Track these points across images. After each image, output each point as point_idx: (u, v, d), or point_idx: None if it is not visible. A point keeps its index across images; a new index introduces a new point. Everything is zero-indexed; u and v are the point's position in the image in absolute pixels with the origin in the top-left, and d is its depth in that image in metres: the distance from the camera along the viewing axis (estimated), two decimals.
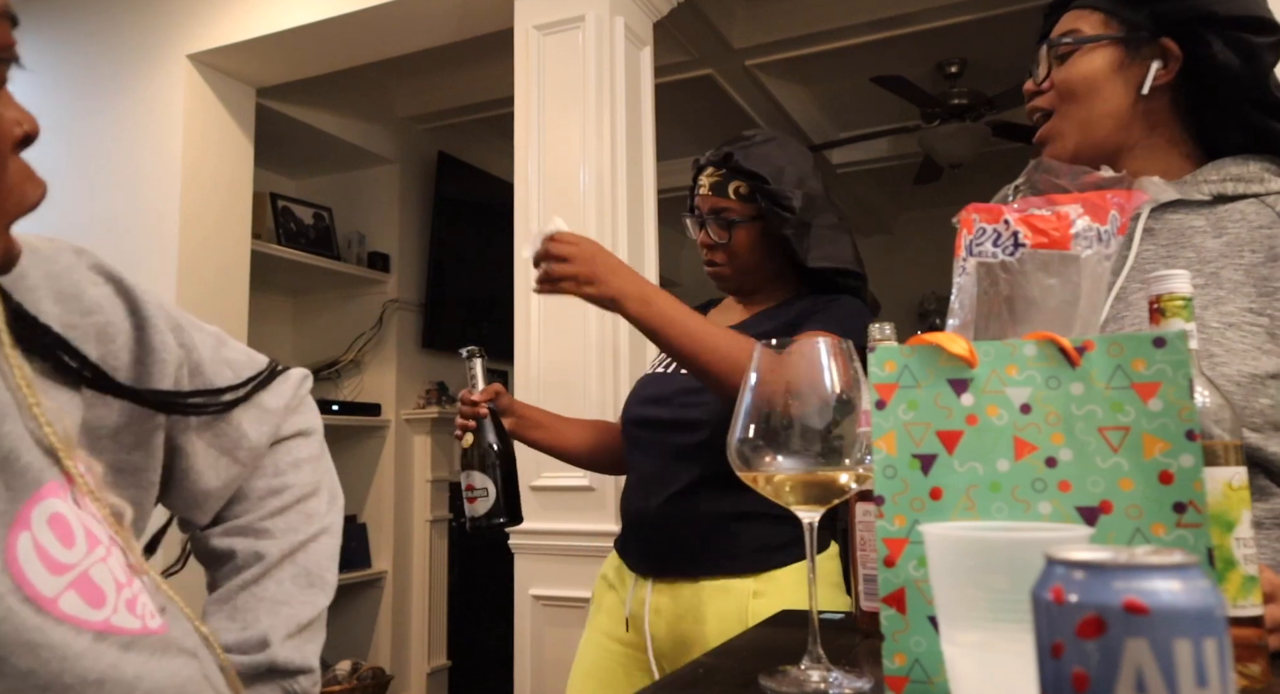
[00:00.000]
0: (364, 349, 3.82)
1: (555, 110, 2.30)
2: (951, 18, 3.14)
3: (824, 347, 0.72)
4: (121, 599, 0.52)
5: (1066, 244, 0.70)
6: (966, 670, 0.50)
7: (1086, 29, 1.02)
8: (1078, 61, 1.02)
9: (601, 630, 1.39)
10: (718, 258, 1.41)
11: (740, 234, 1.38)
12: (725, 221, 1.37)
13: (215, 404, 0.72)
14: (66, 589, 0.49)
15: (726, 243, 1.39)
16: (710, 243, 1.41)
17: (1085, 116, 1.02)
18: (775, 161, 1.34)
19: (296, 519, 0.80)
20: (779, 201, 1.32)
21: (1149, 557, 0.34)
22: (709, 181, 1.38)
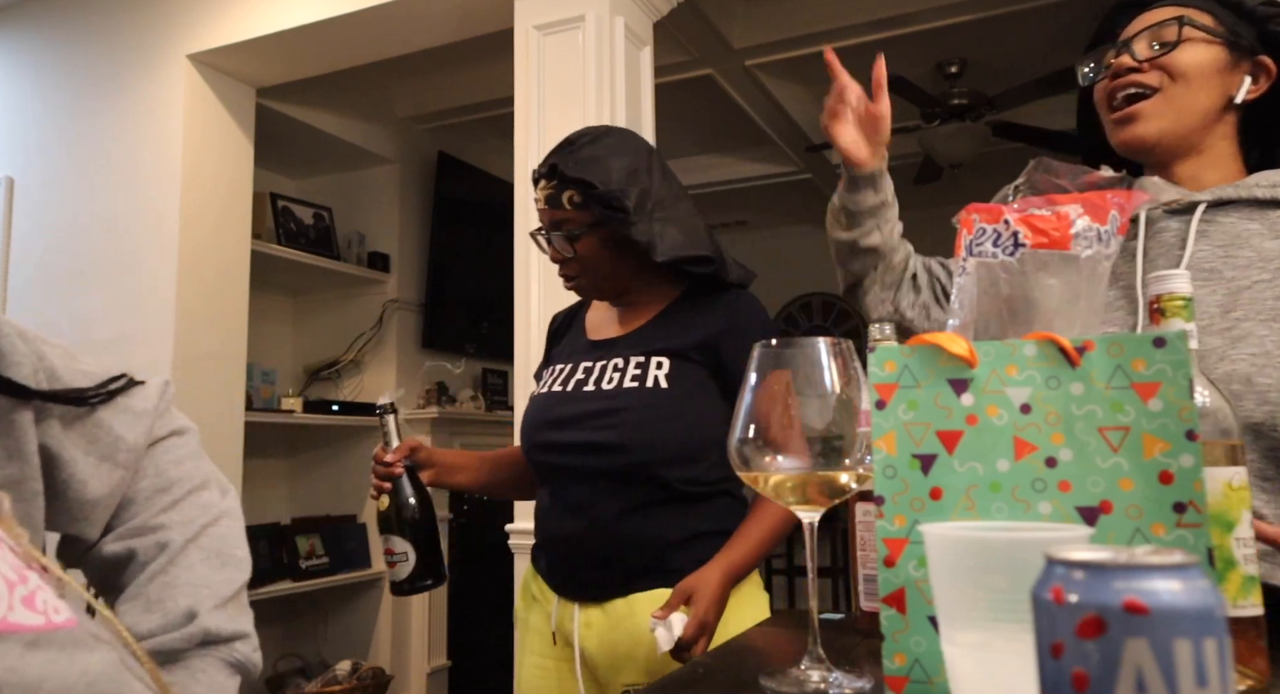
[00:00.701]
0: (364, 349, 3.82)
1: (555, 110, 2.30)
2: (951, 18, 3.14)
3: (824, 346, 0.72)
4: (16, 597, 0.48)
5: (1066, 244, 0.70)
6: (966, 670, 0.50)
7: (1199, 19, 1.03)
8: (1190, 49, 1.02)
9: (532, 650, 1.36)
10: (570, 271, 1.34)
11: (584, 244, 1.30)
12: (567, 234, 1.30)
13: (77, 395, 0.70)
14: None
15: (573, 255, 1.31)
16: (558, 258, 1.34)
17: (1187, 105, 1.03)
18: (603, 163, 1.27)
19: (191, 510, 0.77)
20: (611, 204, 1.26)
21: (1149, 557, 0.34)
22: (543, 196, 1.31)
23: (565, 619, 1.30)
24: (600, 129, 1.34)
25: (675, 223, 1.30)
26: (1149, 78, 1.03)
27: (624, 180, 1.27)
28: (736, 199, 5.17)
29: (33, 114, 3.09)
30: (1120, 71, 1.05)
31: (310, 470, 3.82)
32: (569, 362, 1.38)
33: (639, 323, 1.36)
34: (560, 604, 1.31)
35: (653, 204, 1.29)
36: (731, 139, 4.50)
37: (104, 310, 2.86)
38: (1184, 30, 1.02)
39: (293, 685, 3.34)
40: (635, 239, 1.26)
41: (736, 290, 1.37)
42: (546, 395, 1.36)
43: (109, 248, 2.88)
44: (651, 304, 1.37)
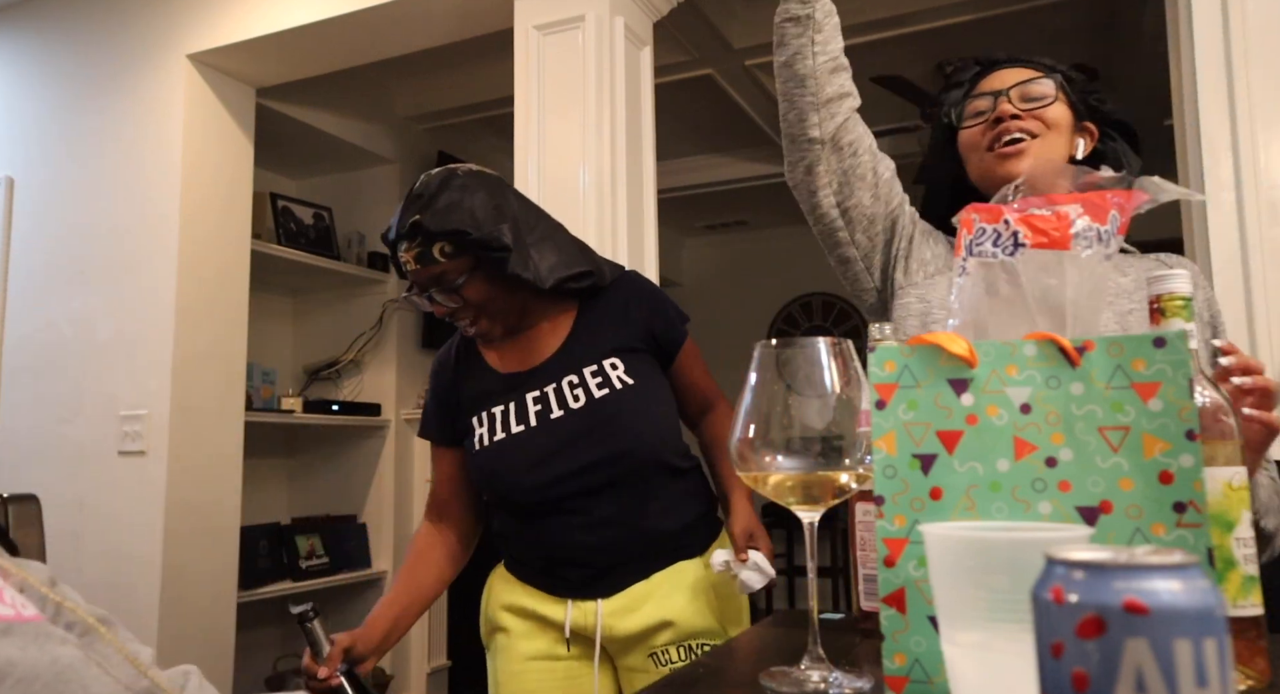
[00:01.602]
0: (364, 349, 3.82)
1: (555, 110, 2.30)
2: (951, 18, 3.14)
3: (824, 346, 0.72)
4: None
5: (1066, 244, 0.70)
6: (966, 670, 0.50)
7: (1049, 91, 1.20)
8: (1057, 105, 1.20)
9: (528, 655, 1.37)
10: (466, 318, 1.32)
11: (471, 289, 1.28)
12: (450, 286, 1.27)
13: None
14: None
15: (463, 304, 1.29)
16: (449, 311, 1.31)
17: (1055, 153, 1.19)
18: (464, 207, 1.25)
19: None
20: (491, 247, 1.25)
21: (1149, 557, 0.34)
22: (411, 256, 1.27)
23: (584, 616, 1.33)
24: (443, 173, 1.30)
25: (547, 245, 1.32)
26: (1029, 125, 1.18)
27: (492, 218, 1.26)
28: (736, 199, 5.17)
29: (33, 114, 3.09)
30: (1003, 117, 1.19)
31: (310, 470, 3.82)
32: (502, 402, 1.35)
33: (557, 341, 1.36)
34: (575, 606, 1.34)
35: (523, 232, 1.30)
36: (731, 139, 4.50)
37: (104, 310, 2.86)
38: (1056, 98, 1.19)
39: (292, 685, 3.34)
40: (517, 273, 1.26)
41: (620, 278, 1.41)
42: (508, 439, 1.33)
43: (109, 248, 2.88)
44: (557, 321, 1.38)
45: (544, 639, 1.37)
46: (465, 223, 1.24)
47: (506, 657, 1.39)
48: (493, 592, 1.45)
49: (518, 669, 1.37)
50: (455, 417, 1.40)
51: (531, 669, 1.36)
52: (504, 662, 1.39)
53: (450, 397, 1.41)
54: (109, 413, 2.79)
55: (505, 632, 1.40)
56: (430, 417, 1.45)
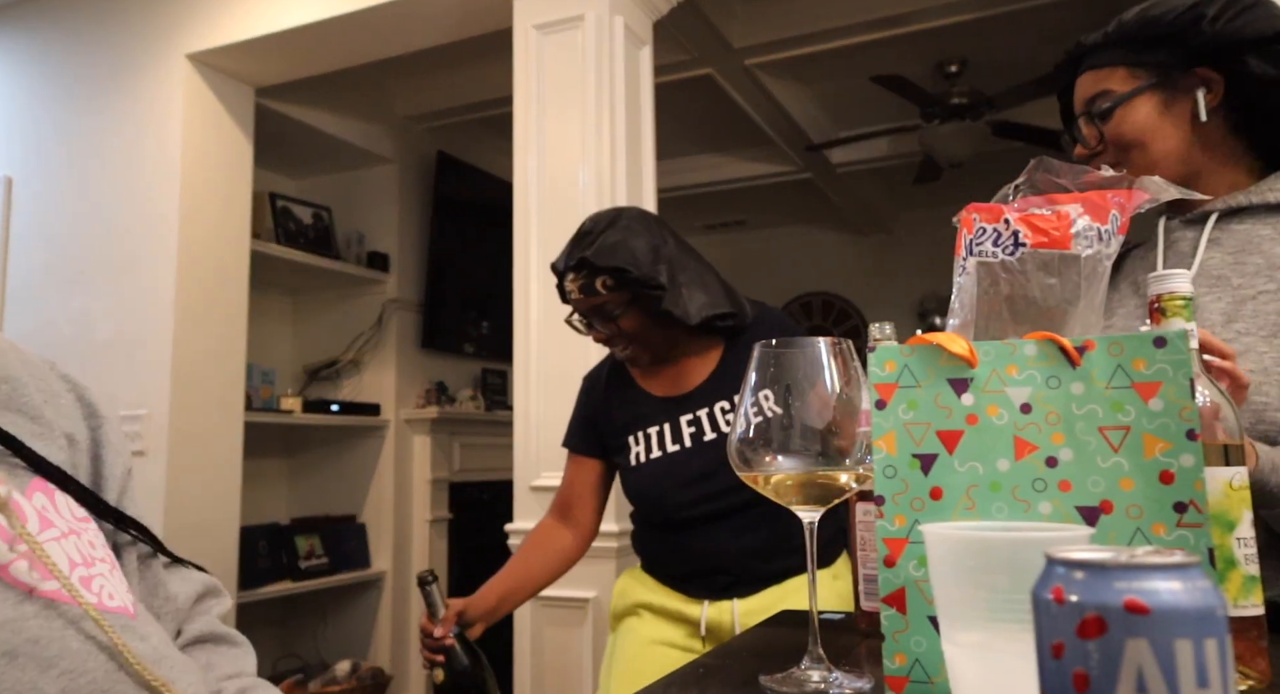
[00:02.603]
0: (363, 349, 3.81)
1: (555, 110, 2.30)
2: (951, 17, 3.14)
3: (824, 346, 0.72)
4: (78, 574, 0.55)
5: (1067, 243, 0.70)
6: (966, 670, 0.50)
7: (1116, 86, 1.06)
8: (1123, 116, 1.05)
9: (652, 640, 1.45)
10: (621, 346, 1.44)
11: (627, 321, 1.40)
12: (608, 315, 1.40)
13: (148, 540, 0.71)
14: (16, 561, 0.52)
15: (619, 332, 1.42)
16: (605, 338, 1.44)
17: (1148, 162, 1.05)
18: (627, 246, 1.37)
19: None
20: (647, 285, 1.36)
21: (1150, 557, 0.34)
22: (576, 286, 1.40)
23: (720, 613, 1.42)
24: (611, 213, 1.44)
25: (698, 285, 1.42)
26: (1107, 157, 1.07)
27: (651, 258, 1.38)
28: (736, 199, 5.16)
29: (32, 114, 3.09)
30: (1084, 160, 1.08)
31: (310, 470, 3.82)
32: (657, 423, 1.47)
33: (707, 371, 1.48)
34: (711, 605, 1.43)
35: (677, 271, 1.41)
36: (731, 138, 4.50)
37: (103, 310, 2.86)
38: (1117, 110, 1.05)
39: None
40: (669, 309, 1.38)
41: (761, 315, 1.50)
42: (664, 458, 1.45)
43: (108, 248, 2.87)
44: (705, 354, 1.49)
45: (673, 630, 1.45)
46: (627, 261, 1.36)
47: (632, 639, 1.46)
48: (627, 591, 1.52)
49: (638, 651, 1.45)
50: (603, 432, 1.53)
51: (652, 652, 1.44)
52: (628, 643, 1.46)
53: (601, 413, 1.53)
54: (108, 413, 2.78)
55: (637, 617, 1.48)
56: (576, 428, 1.57)
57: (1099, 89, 1.07)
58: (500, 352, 4.18)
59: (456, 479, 3.86)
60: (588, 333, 1.46)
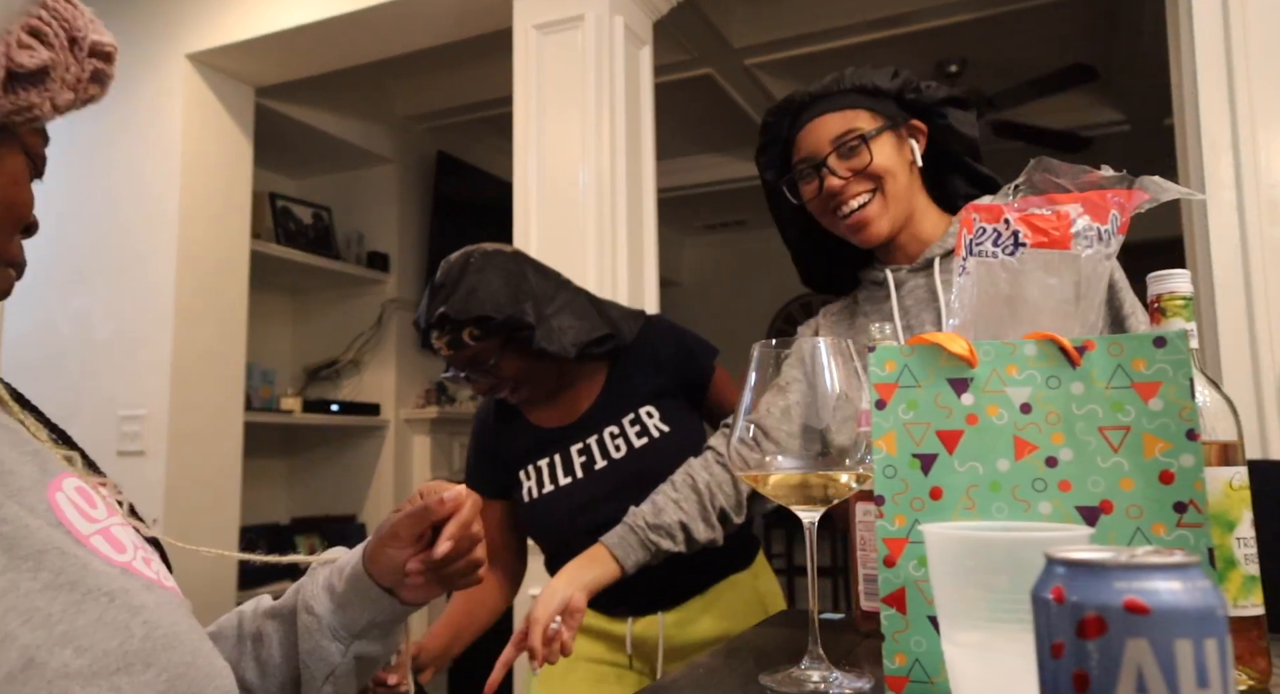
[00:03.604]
0: (363, 349, 3.81)
1: (554, 110, 2.30)
2: (951, 17, 3.14)
3: (824, 346, 0.72)
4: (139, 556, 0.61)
5: (1067, 243, 0.70)
6: (966, 670, 0.50)
7: (863, 125, 1.17)
8: (876, 149, 1.16)
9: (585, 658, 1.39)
10: (506, 390, 1.38)
11: (506, 366, 1.34)
12: (484, 366, 1.34)
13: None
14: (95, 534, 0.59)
15: (499, 379, 1.36)
16: (487, 389, 1.38)
17: (896, 192, 1.17)
18: (484, 291, 1.30)
19: None
20: (516, 327, 1.30)
21: (1150, 556, 0.34)
22: (443, 343, 1.33)
23: (646, 627, 1.38)
24: (460, 259, 1.35)
25: (568, 313, 1.37)
26: (859, 187, 1.17)
27: (512, 297, 1.32)
28: (736, 199, 5.17)
29: None
30: (834, 192, 1.17)
31: (309, 470, 3.82)
32: (547, 455, 1.41)
33: (592, 396, 1.43)
34: (635, 621, 1.39)
35: (544, 306, 1.36)
36: (731, 138, 4.50)
37: (103, 310, 2.86)
38: (869, 145, 1.16)
39: None
40: (543, 347, 1.31)
41: (645, 327, 1.45)
42: (557, 491, 1.39)
43: (108, 248, 2.87)
44: (591, 378, 1.44)
45: (597, 646, 1.40)
46: (487, 309, 1.29)
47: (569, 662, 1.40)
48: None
49: (563, 666, 1.39)
50: (499, 471, 1.46)
51: (578, 666, 1.39)
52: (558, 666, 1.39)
53: (493, 452, 1.47)
54: (108, 413, 2.79)
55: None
56: (474, 471, 1.51)
57: (848, 127, 1.17)
58: None
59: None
60: (470, 387, 1.40)
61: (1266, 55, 1.73)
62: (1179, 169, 1.87)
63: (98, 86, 0.61)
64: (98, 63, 0.60)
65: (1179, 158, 1.86)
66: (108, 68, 0.60)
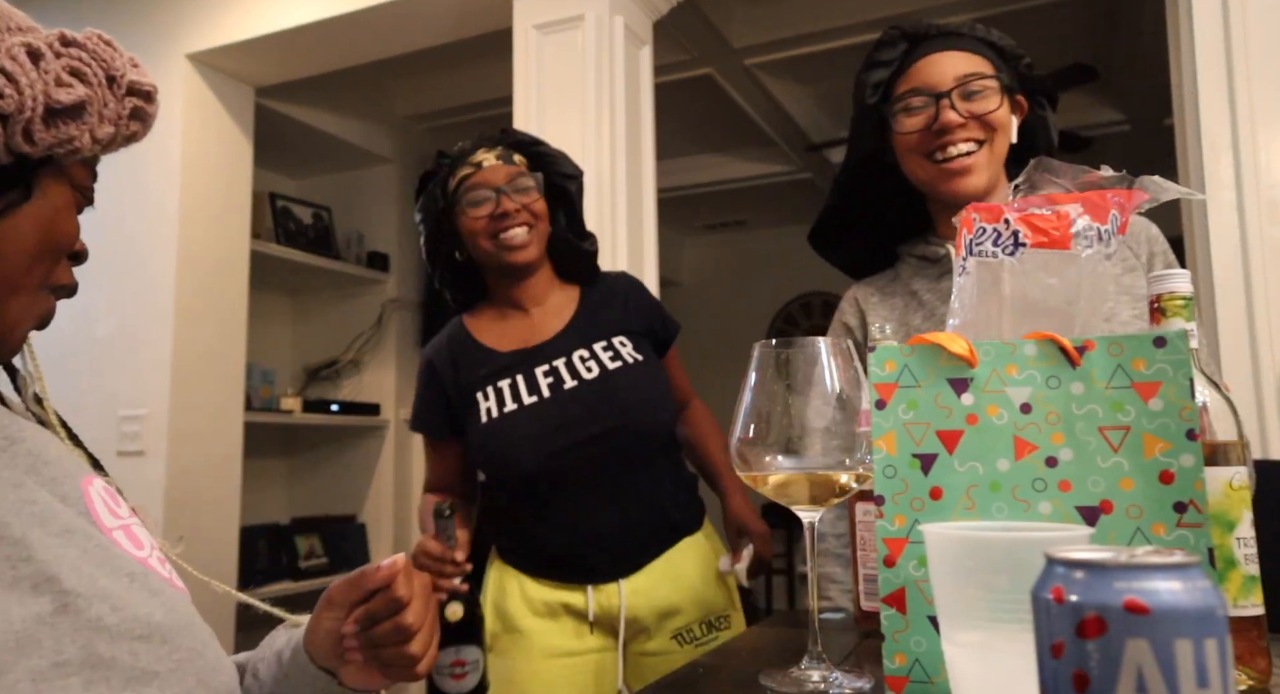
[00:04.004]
0: (363, 349, 3.81)
1: (554, 110, 2.30)
2: (951, 17, 3.14)
3: (824, 346, 0.72)
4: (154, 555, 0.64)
5: (1067, 243, 0.70)
6: (966, 670, 0.50)
7: (988, 72, 1.11)
8: (1000, 101, 1.11)
9: (548, 652, 1.34)
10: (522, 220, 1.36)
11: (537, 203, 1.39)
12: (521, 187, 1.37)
13: None
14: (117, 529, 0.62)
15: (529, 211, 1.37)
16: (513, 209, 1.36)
17: (999, 153, 1.12)
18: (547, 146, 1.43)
19: None
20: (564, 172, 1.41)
21: (1150, 556, 0.34)
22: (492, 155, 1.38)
23: (607, 598, 1.33)
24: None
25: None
26: (971, 132, 1.10)
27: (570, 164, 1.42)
28: (736, 199, 5.16)
29: None
30: (947, 127, 1.10)
31: (309, 470, 3.82)
32: (508, 376, 1.35)
33: (561, 321, 1.41)
34: (596, 589, 1.34)
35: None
36: (731, 138, 4.49)
37: (103, 310, 2.86)
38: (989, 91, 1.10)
39: None
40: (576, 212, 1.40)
41: (618, 274, 1.50)
42: (519, 410, 1.32)
43: (108, 247, 2.87)
44: (562, 304, 1.43)
45: (563, 633, 1.35)
46: (545, 147, 1.40)
47: (524, 655, 1.35)
48: (502, 589, 1.39)
49: (537, 667, 1.34)
50: (454, 404, 1.39)
51: (554, 666, 1.34)
52: (520, 660, 1.35)
53: (449, 384, 1.40)
54: (108, 412, 2.78)
55: (519, 632, 1.36)
56: (426, 409, 1.44)
57: (973, 69, 1.11)
58: None
59: None
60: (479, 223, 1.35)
61: (1266, 55, 1.73)
62: (1179, 169, 1.87)
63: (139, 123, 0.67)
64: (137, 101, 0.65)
65: (1179, 158, 1.86)
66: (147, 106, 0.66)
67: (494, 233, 1.35)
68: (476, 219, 1.35)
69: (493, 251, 1.36)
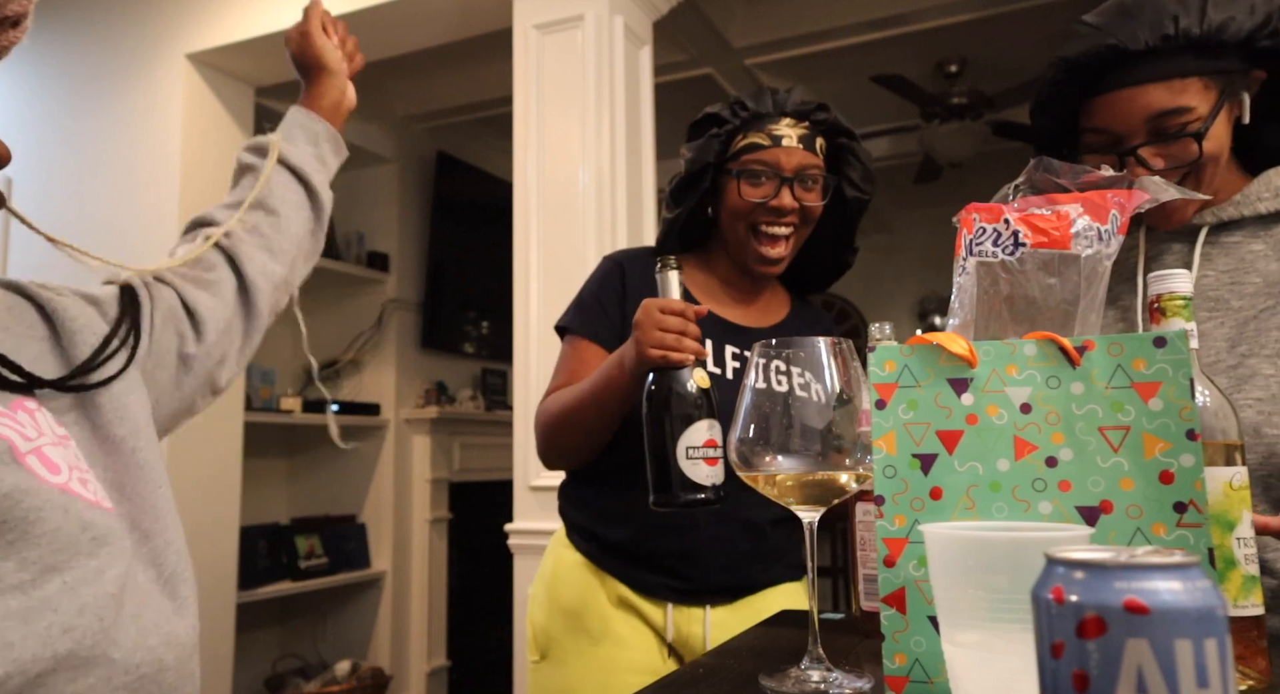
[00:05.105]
0: (363, 349, 3.81)
1: (554, 110, 2.30)
2: (951, 17, 3.14)
3: (824, 346, 0.72)
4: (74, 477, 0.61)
5: (1067, 243, 0.70)
6: (966, 670, 0.50)
7: (1195, 102, 0.92)
8: (1209, 137, 0.93)
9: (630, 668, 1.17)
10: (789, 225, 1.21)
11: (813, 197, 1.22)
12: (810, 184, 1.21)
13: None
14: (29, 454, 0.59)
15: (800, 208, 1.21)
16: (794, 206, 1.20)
17: (1209, 178, 0.96)
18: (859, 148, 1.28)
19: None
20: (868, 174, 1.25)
21: (1150, 556, 0.34)
22: (795, 134, 1.20)
23: (688, 623, 1.18)
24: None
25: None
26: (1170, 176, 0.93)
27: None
28: None
29: (32, 114, 3.09)
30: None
31: (309, 470, 3.82)
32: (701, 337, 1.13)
33: (773, 319, 1.30)
34: (677, 610, 1.18)
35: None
36: None
37: None
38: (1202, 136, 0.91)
39: (292, 686, 3.33)
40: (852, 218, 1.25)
41: (819, 307, 1.40)
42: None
43: (108, 247, 2.86)
44: (774, 300, 1.33)
45: (641, 647, 1.18)
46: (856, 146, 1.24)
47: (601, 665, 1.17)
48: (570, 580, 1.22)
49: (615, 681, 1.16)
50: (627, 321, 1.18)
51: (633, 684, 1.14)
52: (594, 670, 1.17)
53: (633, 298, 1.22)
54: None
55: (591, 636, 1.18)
56: (591, 308, 1.26)
57: (1175, 104, 0.92)
58: (500, 352, 4.18)
59: (456, 479, 3.86)
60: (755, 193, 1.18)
61: None
62: None
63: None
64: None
65: None
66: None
67: (755, 223, 1.21)
68: (746, 198, 1.20)
69: (743, 240, 1.23)
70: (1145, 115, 0.93)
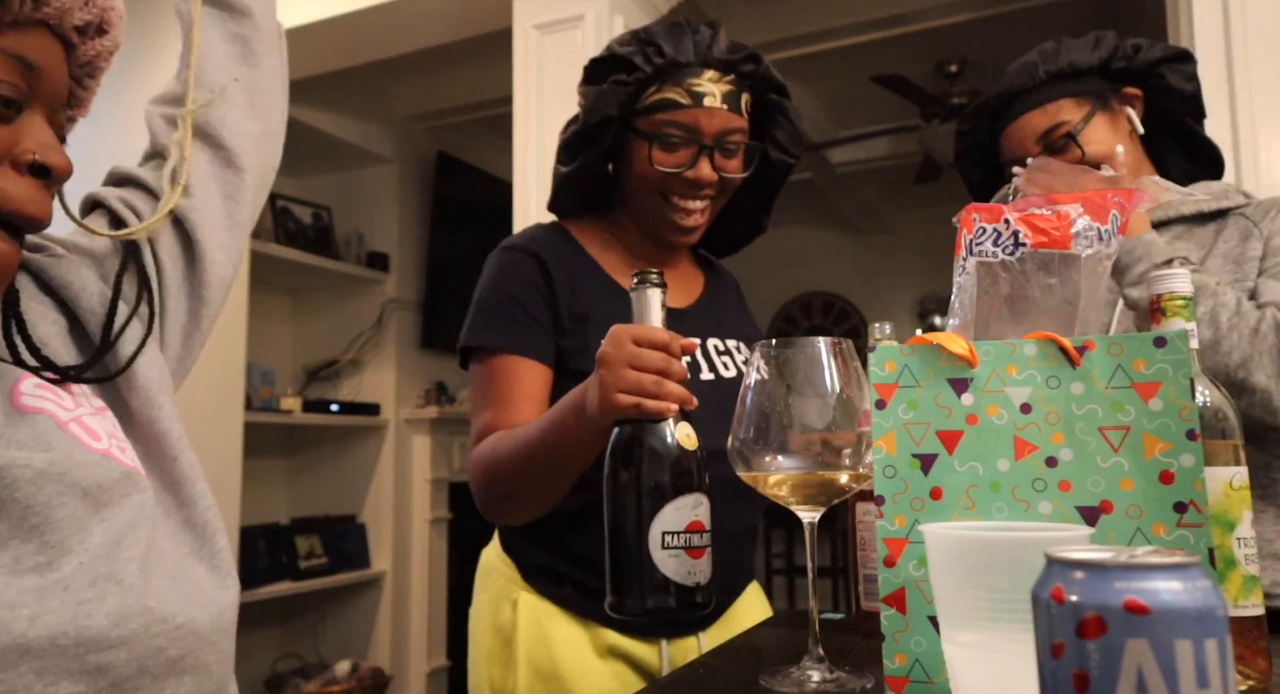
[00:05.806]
0: (363, 349, 3.81)
1: (554, 109, 2.30)
2: (951, 17, 3.14)
3: (824, 346, 0.72)
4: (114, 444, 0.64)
5: (1067, 243, 0.70)
6: (966, 670, 0.50)
7: (1068, 116, 1.12)
8: (1087, 139, 1.11)
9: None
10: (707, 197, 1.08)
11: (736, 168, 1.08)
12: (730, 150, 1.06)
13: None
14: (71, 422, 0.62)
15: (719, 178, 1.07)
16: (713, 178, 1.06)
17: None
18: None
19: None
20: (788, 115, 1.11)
21: (1150, 556, 0.34)
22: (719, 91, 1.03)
23: (683, 655, 1.05)
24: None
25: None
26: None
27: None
28: None
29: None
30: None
31: (309, 470, 3.82)
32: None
33: (691, 294, 1.16)
34: (671, 645, 1.04)
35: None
36: None
37: None
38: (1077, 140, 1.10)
39: (292, 686, 3.33)
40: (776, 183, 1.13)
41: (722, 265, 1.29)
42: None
43: None
44: (688, 272, 1.19)
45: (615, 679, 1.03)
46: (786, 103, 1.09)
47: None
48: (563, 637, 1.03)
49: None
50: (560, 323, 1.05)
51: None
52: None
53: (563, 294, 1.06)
54: None
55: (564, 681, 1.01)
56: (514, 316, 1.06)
57: (1052, 122, 1.12)
58: None
59: (456, 479, 3.86)
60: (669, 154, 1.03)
61: (1266, 55, 1.73)
62: None
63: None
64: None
65: None
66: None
67: (667, 192, 1.06)
68: (658, 167, 1.04)
69: (654, 209, 1.08)
70: (1034, 136, 1.14)
